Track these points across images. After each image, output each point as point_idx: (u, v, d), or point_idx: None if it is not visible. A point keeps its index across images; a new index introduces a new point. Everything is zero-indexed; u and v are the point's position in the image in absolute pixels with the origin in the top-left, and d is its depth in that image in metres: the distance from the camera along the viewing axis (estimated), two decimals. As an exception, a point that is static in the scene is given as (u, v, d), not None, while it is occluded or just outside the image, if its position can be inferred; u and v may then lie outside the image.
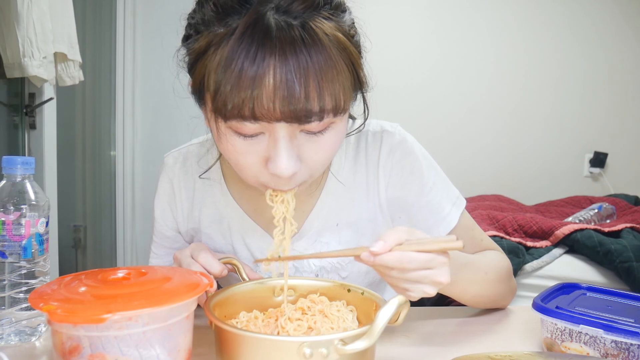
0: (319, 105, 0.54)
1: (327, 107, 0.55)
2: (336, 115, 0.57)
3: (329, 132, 0.59)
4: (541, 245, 1.76)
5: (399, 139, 0.78)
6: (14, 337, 0.62)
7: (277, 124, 0.55)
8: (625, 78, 2.85)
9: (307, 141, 0.58)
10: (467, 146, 2.84)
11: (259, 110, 0.53)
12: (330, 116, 0.56)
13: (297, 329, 0.55)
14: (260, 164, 0.59)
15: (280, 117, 0.54)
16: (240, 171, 0.62)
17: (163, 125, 2.66)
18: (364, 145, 0.79)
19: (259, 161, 0.59)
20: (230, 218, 0.79)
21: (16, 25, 1.58)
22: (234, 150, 0.59)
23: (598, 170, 2.86)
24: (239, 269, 0.67)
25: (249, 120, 0.54)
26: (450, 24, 2.81)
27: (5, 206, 0.62)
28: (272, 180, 0.60)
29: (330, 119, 0.57)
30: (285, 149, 0.56)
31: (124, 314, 0.42)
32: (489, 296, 0.77)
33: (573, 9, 2.81)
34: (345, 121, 0.63)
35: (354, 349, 0.44)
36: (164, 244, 0.85)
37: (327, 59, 0.54)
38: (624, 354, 0.54)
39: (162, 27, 2.60)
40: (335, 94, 0.55)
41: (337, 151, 0.64)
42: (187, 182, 0.81)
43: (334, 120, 0.58)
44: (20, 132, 1.94)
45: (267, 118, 0.54)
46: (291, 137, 0.57)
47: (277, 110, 0.53)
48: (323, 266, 0.78)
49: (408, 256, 0.53)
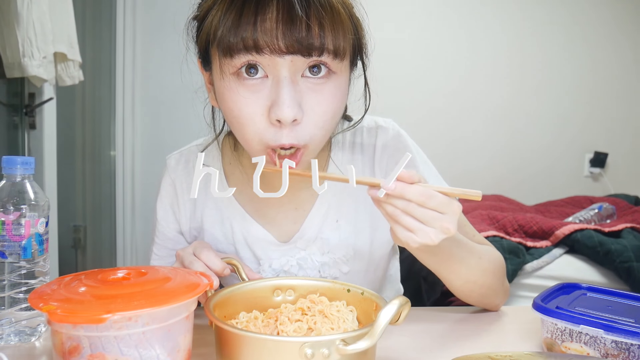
0: (320, 40, 0.58)
1: (327, 45, 0.58)
2: (336, 57, 0.60)
3: (330, 83, 0.62)
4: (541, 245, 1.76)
5: (393, 133, 0.80)
6: (14, 337, 0.62)
7: (280, 59, 0.58)
8: (626, 78, 2.85)
9: (309, 91, 0.61)
10: (467, 146, 2.83)
11: (262, 40, 0.56)
12: (330, 56, 0.59)
13: (298, 330, 0.55)
14: (262, 114, 0.60)
15: (282, 48, 0.57)
16: (243, 127, 0.62)
17: (163, 125, 2.66)
18: (359, 141, 0.81)
19: (261, 111, 0.60)
20: (232, 218, 0.80)
21: (16, 25, 1.58)
22: (238, 98, 0.60)
23: (598, 170, 2.86)
24: (239, 269, 0.67)
25: (252, 52, 0.57)
26: (450, 24, 2.81)
27: (5, 206, 0.62)
28: (274, 133, 0.61)
29: (330, 59, 0.60)
30: (288, 90, 0.58)
31: (124, 314, 0.42)
32: (481, 286, 0.75)
33: (573, 8, 2.81)
34: (346, 79, 0.65)
35: (355, 349, 0.44)
36: (166, 245, 0.85)
37: (330, 4, 0.59)
38: (624, 354, 0.54)
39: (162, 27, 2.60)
40: (335, 35, 0.59)
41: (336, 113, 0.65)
42: (189, 183, 0.82)
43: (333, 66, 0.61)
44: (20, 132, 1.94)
45: (270, 49, 0.57)
46: (293, 81, 0.59)
47: (280, 41, 0.56)
48: (325, 262, 0.78)
49: (429, 192, 0.55)
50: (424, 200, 0.54)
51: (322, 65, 0.61)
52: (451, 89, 2.82)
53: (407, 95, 2.76)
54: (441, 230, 0.56)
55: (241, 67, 0.60)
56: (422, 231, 0.56)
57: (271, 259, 0.78)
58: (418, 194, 0.54)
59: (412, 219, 0.55)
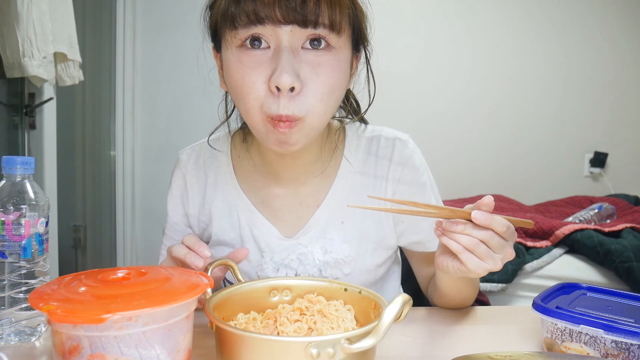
0: (315, 11, 0.62)
1: (322, 18, 0.62)
2: (332, 31, 0.64)
3: (329, 56, 0.65)
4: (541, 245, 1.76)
5: (409, 152, 0.81)
6: (14, 337, 0.62)
7: (280, 30, 0.62)
8: (626, 78, 2.85)
9: (308, 62, 0.64)
10: (467, 146, 2.83)
11: (262, 10, 0.61)
12: (326, 30, 0.63)
13: (298, 330, 0.55)
14: (264, 82, 0.64)
15: (280, 18, 0.61)
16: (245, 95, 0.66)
17: (163, 125, 2.66)
18: (375, 149, 0.82)
19: (262, 79, 0.63)
20: (239, 210, 0.82)
21: (16, 25, 1.58)
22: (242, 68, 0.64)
23: (598, 170, 2.86)
24: (235, 271, 0.66)
25: (254, 22, 0.62)
26: (448, 21, 2.81)
27: (5, 206, 0.62)
28: (273, 102, 0.63)
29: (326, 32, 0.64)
30: (287, 59, 0.62)
31: (124, 314, 0.42)
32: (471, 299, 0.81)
33: (574, 9, 2.81)
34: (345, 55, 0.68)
35: (360, 348, 0.44)
36: (175, 237, 0.87)
37: None
38: (624, 354, 0.54)
39: (162, 27, 2.60)
40: (332, 9, 0.63)
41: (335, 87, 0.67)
42: (199, 177, 0.85)
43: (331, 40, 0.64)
44: (20, 132, 1.94)
45: (269, 19, 0.62)
46: (293, 51, 0.63)
47: (277, 11, 0.61)
48: (327, 261, 0.79)
49: (507, 222, 0.58)
50: (504, 231, 0.57)
51: (321, 39, 0.64)
52: (452, 88, 2.82)
53: (408, 95, 2.76)
54: (506, 257, 0.59)
55: (246, 40, 0.64)
56: (492, 259, 0.58)
57: (273, 252, 0.80)
58: (501, 224, 0.57)
59: (486, 247, 0.57)
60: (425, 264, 0.86)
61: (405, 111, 2.73)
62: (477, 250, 0.57)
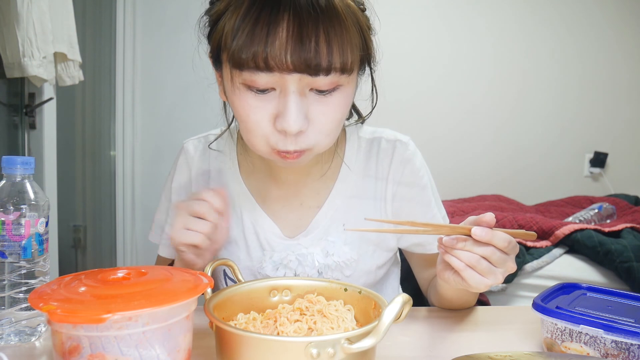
0: (328, 60, 0.58)
1: (334, 64, 0.59)
2: (343, 73, 0.61)
3: (337, 94, 0.63)
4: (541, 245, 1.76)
5: (410, 154, 0.81)
6: (14, 337, 0.62)
7: (289, 76, 0.59)
8: (626, 78, 2.85)
9: (316, 102, 0.62)
10: (467, 146, 2.83)
11: (272, 59, 0.57)
12: (337, 74, 0.60)
13: (298, 330, 0.55)
14: (269, 121, 0.62)
15: (291, 68, 0.58)
16: (250, 131, 0.64)
17: (163, 125, 2.66)
18: (375, 151, 0.82)
19: (268, 118, 0.62)
20: (242, 207, 0.82)
21: (16, 25, 1.58)
22: (247, 106, 0.62)
23: (598, 170, 2.86)
24: (235, 270, 0.66)
25: (262, 70, 0.58)
26: (450, 23, 2.81)
27: (5, 206, 0.62)
28: (279, 139, 0.63)
29: (337, 76, 0.61)
30: (295, 104, 0.60)
31: (124, 314, 0.42)
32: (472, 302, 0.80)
33: (574, 8, 2.81)
34: (353, 88, 0.67)
35: (361, 348, 0.44)
36: None
37: (338, 18, 0.59)
38: (624, 354, 0.54)
39: (162, 27, 2.60)
40: (343, 52, 0.60)
41: (342, 119, 0.66)
42: (204, 169, 0.85)
43: (340, 81, 0.62)
44: (20, 132, 1.94)
45: (279, 68, 0.58)
46: (301, 95, 0.61)
47: (289, 61, 0.57)
48: (328, 264, 0.79)
49: (509, 237, 0.57)
50: (505, 246, 0.56)
51: None
52: (452, 89, 2.82)
53: (408, 96, 2.76)
54: (507, 270, 0.58)
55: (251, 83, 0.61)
56: (493, 274, 0.57)
57: (274, 251, 0.80)
58: (502, 239, 0.56)
59: (487, 263, 0.56)
60: (426, 266, 0.86)
61: (406, 111, 2.73)
62: (478, 266, 0.56)
